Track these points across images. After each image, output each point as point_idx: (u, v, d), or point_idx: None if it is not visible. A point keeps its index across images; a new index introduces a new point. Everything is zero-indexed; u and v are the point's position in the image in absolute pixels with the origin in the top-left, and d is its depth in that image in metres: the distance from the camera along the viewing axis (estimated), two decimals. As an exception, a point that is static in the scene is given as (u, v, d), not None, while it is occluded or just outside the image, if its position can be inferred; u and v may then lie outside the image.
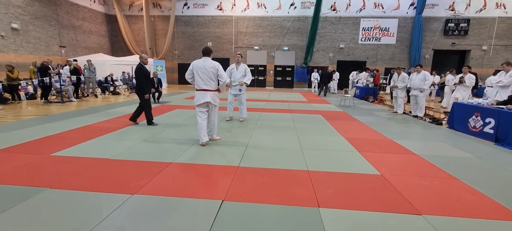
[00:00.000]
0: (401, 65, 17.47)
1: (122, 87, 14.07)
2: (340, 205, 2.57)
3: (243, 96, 6.61)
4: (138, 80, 5.83)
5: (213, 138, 4.74)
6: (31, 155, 3.80)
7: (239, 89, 6.48)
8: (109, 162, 3.63)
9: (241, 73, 6.39)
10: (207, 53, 4.41)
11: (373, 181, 3.17)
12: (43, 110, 7.80)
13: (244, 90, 6.61)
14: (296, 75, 19.58)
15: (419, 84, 7.63)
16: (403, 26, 17.89)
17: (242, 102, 6.64)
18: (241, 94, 6.54)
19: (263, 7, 18.80)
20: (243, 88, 6.52)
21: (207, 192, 2.81)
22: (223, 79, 4.41)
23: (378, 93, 12.29)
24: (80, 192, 2.74)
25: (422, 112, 7.79)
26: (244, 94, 6.62)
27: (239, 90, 6.50)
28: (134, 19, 19.98)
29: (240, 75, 6.38)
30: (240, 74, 6.38)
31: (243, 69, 6.41)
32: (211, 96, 4.36)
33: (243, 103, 6.67)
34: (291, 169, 3.50)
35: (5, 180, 2.97)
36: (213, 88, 4.38)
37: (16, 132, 5.10)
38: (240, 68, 6.40)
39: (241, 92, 6.53)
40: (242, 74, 6.39)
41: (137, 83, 5.90)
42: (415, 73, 7.93)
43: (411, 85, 7.89)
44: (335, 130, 5.91)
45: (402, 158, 4.11)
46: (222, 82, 4.43)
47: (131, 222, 2.23)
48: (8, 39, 12.54)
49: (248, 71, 6.42)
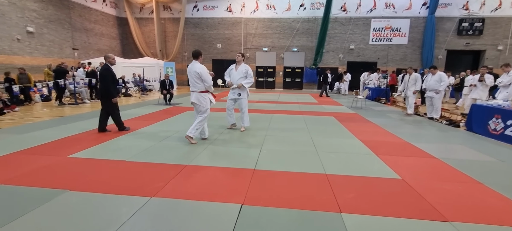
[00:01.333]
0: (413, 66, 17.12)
1: (133, 89, 14.24)
2: (362, 210, 2.50)
3: (244, 101, 5.60)
4: (104, 83, 5.28)
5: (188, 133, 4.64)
6: (49, 157, 3.85)
7: (237, 93, 5.55)
8: (126, 164, 3.65)
9: (241, 75, 5.48)
10: (195, 56, 4.58)
11: (394, 185, 3.08)
12: (58, 112, 7.95)
13: (245, 95, 5.59)
14: (305, 76, 19.44)
15: (435, 85, 7.45)
16: (415, 26, 17.56)
17: (243, 110, 5.64)
18: (240, 99, 5.58)
19: (272, 8, 18.77)
20: (243, 92, 5.56)
21: (225, 196, 2.77)
22: (207, 83, 4.53)
23: (390, 94, 12.08)
24: (99, 194, 2.75)
25: (438, 114, 7.60)
26: (245, 99, 5.60)
27: (238, 94, 5.55)
28: (145, 22, 20.23)
29: (239, 77, 5.48)
30: (239, 76, 5.48)
31: (244, 70, 5.48)
32: (195, 96, 4.57)
33: (244, 110, 5.64)
34: (308, 172, 3.44)
35: (26, 181, 3.01)
36: (199, 90, 4.56)
37: (33, 133, 5.19)
38: (239, 69, 5.49)
39: (241, 96, 5.55)
40: (241, 76, 5.48)
41: (102, 86, 5.35)
42: (429, 74, 7.75)
43: (426, 86, 7.71)
44: (349, 132, 5.81)
45: (421, 161, 3.99)
46: (207, 86, 4.56)
47: (151, 226, 2.22)
48: (24, 42, 12.86)
49: (249, 73, 5.51)
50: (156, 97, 11.67)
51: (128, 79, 14.06)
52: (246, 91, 5.58)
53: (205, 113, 4.64)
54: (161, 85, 10.07)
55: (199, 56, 4.59)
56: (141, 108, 8.75)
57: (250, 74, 5.52)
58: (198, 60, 4.57)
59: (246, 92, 5.59)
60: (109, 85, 5.29)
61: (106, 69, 5.30)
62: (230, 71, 5.62)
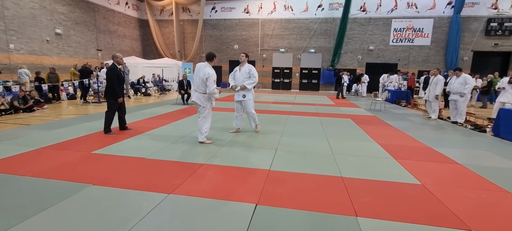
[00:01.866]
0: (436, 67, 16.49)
1: (153, 89, 14.67)
2: (379, 215, 2.45)
3: (249, 103, 5.34)
4: (108, 83, 5.22)
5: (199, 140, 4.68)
6: (75, 152, 4.06)
7: (242, 95, 5.32)
8: (145, 161, 3.78)
9: (244, 75, 5.27)
10: (209, 58, 4.57)
11: (413, 191, 2.99)
12: (82, 110, 8.34)
13: (250, 96, 5.33)
14: (322, 78, 19.19)
15: (459, 88, 7.13)
16: (439, 26, 16.86)
17: (249, 112, 5.42)
18: (245, 101, 5.33)
19: (290, 9, 18.70)
20: (247, 94, 5.30)
21: (240, 195, 2.81)
22: (208, 89, 4.42)
23: (411, 97, 11.68)
24: (120, 189, 2.87)
25: (462, 119, 7.26)
26: (250, 101, 5.34)
27: (243, 96, 5.31)
28: (165, 23, 20.79)
29: (243, 78, 5.27)
30: (243, 77, 5.27)
31: (247, 71, 5.24)
32: (197, 96, 4.59)
33: (250, 113, 5.43)
34: (324, 175, 3.41)
35: (53, 175, 3.19)
36: (202, 91, 4.55)
37: (60, 130, 5.49)
38: (243, 70, 5.29)
39: (245, 98, 5.31)
40: (245, 77, 5.26)
41: (108, 86, 5.29)
42: (454, 76, 7.43)
43: (450, 89, 7.40)
44: (367, 135, 5.68)
45: (443, 167, 3.84)
46: (208, 92, 4.46)
47: (169, 222, 2.29)
48: (52, 44, 13.61)
49: (252, 73, 5.22)
50: (174, 97, 11.95)
51: (148, 79, 14.51)
52: (251, 93, 5.34)
53: (203, 113, 4.61)
54: (179, 85, 10.32)
55: (213, 59, 4.58)
56: (160, 108, 9.00)
57: (253, 74, 5.23)
58: (210, 63, 4.54)
59: (251, 94, 5.35)
60: (115, 85, 5.19)
61: (112, 69, 5.23)
62: (235, 74, 5.43)
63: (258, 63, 19.52)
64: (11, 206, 2.47)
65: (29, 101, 7.79)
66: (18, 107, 7.38)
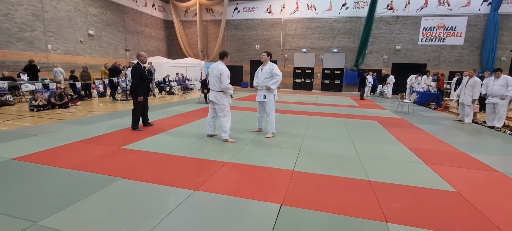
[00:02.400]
0: (470, 68, 15.47)
1: (177, 87, 15.07)
2: (411, 222, 2.32)
3: (269, 104, 5.08)
4: (132, 81, 5.41)
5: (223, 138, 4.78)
6: (105, 147, 4.26)
7: (263, 96, 5.09)
8: (171, 157, 3.87)
9: (266, 75, 5.02)
10: (221, 56, 4.70)
11: (448, 198, 2.81)
12: (111, 107, 8.75)
13: (271, 97, 5.07)
14: (345, 78, 18.71)
15: (499, 91, 6.63)
16: (474, 24, 15.82)
17: (268, 113, 5.16)
18: (265, 102, 5.11)
19: (313, 8, 18.42)
20: (268, 95, 5.05)
21: (264, 194, 2.79)
22: (222, 84, 4.54)
23: (442, 99, 11.05)
24: (148, 184, 2.96)
25: (501, 123, 6.75)
26: (270, 102, 5.07)
27: (264, 96, 5.07)
28: (189, 24, 21.30)
29: (264, 77, 5.04)
30: (264, 76, 5.04)
31: (268, 70, 5.00)
32: (214, 95, 4.70)
33: (270, 113, 5.14)
34: (350, 177, 3.30)
35: (87, 167, 3.36)
36: (218, 89, 4.64)
37: (92, 125, 5.78)
38: (265, 69, 5.06)
39: (266, 99, 5.07)
40: (266, 76, 5.01)
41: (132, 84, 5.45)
42: (492, 78, 6.92)
43: (489, 92, 6.90)
44: (395, 138, 5.45)
45: (480, 174, 3.58)
46: (222, 87, 4.57)
47: (195, 218, 2.32)
48: (85, 44, 14.40)
49: (275, 71, 4.94)
50: (197, 96, 12.20)
51: (172, 78, 14.93)
52: (272, 94, 5.06)
53: (223, 111, 4.71)
54: (202, 84, 10.50)
55: (225, 57, 4.69)
56: (184, 106, 9.22)
57: (275, 72, 4.95)
58: (223, 61, 4.66)
59: (273, 95, 5.07)
60: (137, 83, 5.29)
61: (135, 68, 5.34)
62: (257, 73, 5.27)
63: (280, 63, 19.42)
64: (51, 195, 2.63)
65: (65, 98, 8.29)
66: (54, 103, 7.88)
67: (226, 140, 4.75)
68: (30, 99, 7.66)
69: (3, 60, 10.78)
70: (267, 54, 5.07)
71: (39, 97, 7.63)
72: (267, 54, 5.07)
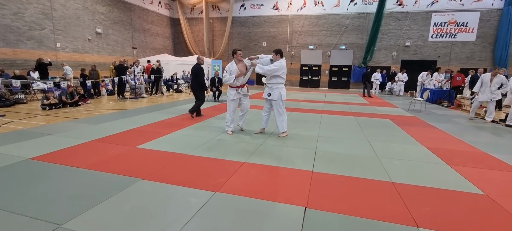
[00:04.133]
0: (482, 65, 15.18)
1: (184, 85, 15.05)
2: (444, 227, 2.24)
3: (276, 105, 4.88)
4: (198, 79, 6.58)
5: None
6: (121, 146, 4.23)
7: (267, 93, 4.89)
8: (186, 157, 3.83)
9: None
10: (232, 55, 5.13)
11: (478, 202, 2.72)
12: (121, 105, 8.75)
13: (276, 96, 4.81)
14: (353, 75, 18.51)
15: None
16: (487, 20, 15.46)
17: (276, 116, 4.97)
18: (272, 102, 4.94)
19: (320, 5, 18.20)
20: (272, 92, 4.81)
21: (287, 196, 2.73)
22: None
23: (455, 97, 10.83)
24: (168, 184, 2.92)
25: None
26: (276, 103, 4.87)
27: (268, 94, 4.87)
28: (195, 21, 21.24)
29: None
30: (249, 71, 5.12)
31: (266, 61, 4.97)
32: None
33: (279, 115, 4.92)
34: (372, 179, 3.22)
35: (104, 167, 3.33)
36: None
37: (104, 124, 5.78)
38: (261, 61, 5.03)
39: (270, 97, 4.86)
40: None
41: (196, 81, 6.61)
42: None
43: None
44: (411, 137, 5.33)
45: (508, 176, 3.46)
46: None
47: (220, 221, 2.27)
48: (93, 42, 14.45)
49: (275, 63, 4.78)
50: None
51: (179, 76, 14.91)
52: (276, 91, 4.82)
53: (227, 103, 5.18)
54: (211, 82, 10.46)
55: (233, 55, 5.07)
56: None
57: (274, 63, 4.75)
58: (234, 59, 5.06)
59: (278, 93, 4.82)
60: (203, 80, 6.67)
61: (199, 68, 6.52)
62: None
63: (286, 60, 19.22)
64: (72, 196, 2.61)
65: (76, 96, 8.32)
66: (65, 102, 7.91)
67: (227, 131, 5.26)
68: (42, 97, 7.69)
69: (13, 59, 10.87)
70: (276, 53, 4.83)
71: (51, 96, 7.66)
72: (275, 53, 4.84)
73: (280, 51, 4.89)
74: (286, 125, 5.09)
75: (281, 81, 4.86)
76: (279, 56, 4.85)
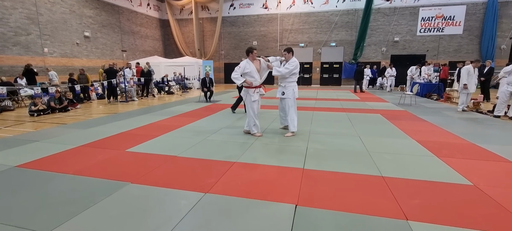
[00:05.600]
0: (469, 58, 15.47)
1: (175, 87, 14.93)
2: (433, 219, 2.26)
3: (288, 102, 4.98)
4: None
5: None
6: (109, 150, 4.16)
7: (281, 93, 5.01)
8: (177, 159, 3.79)
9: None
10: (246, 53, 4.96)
11: (466, 193, 2.75)
12: (111, 109, 8.62)
13: (289, 94, 4.93)
14: (344, 72, 18.66)
15: None
16: (473, 13, 15.77)
17: (287, 112, 5.07)
18: (284, 100, 5.05)
19: (309, 2, 18.28)
20: (286, 91, 4.94)
21: (277, 195, 2.72)
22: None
23: (444, 90, 11.01)
24: (158, 187, 2.88)
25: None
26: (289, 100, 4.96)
27: (282, 93, 5.00)
28: (185, 22, 21.08)
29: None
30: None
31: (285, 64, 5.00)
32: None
33: (289, 112, 5.00)
34: (362, 174, 3.24)
35: (93, 173, 3.27)
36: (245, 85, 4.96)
37: (94, 129, 5.68)
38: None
39: (284, 95, 4.98)
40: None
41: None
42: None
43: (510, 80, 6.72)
44: (402, 131, 5.39)
45: (495, 166, 3.53)
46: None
47: (210, 222, 2.25)
48: (81, 46, 14.20)
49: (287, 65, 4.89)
50: (196, 95, 12.10)
51: (170, 78, 14.78)
52: (290, 90, 4.93)
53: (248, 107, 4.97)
54: (202, 83, 10.39)
55: (249, 54, 4.88)
56: (184, 106, 9.11)
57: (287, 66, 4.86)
58: (248, 57, 4.89)
59: (291, 91, 4.93)
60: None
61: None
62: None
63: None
64: (59, 202, 2.55)
65: (64, 101, 8.16)
66: (54, 107, 7.75)
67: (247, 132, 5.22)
68: (30, 104, 7.52)
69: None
70: (287, 50, 4.92)
71: (39, 101, 7.49)
72: (287, 50, 4.93)
73: (291, 49, 4.97)
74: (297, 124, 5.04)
75: (294, 79, 4.97)
76: (291, 54, 4.94)
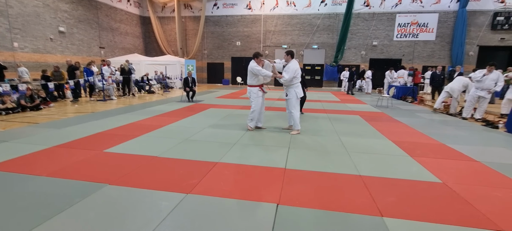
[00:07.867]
0: (441, 63, 16.39)
1: (156, 86, 14.59)
2: (406, 215, 2.39)
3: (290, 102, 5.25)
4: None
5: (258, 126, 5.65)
6: (86, 151, 4.01)
7: (285, 94, 5.35)
8: (158, 159, 3.72)
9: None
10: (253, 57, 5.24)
11: (437, 190, 2.93)
12: (88, 108, 8.28)
13: (291, 95, 5.21)
14: (325, 74, 19.08)
15: (490, 85, 6.95)
16: (444, 21, 16.69)
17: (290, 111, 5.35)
18: (287, 100, 5.32)
19: (292, 5, 18.53)
20: (289, 92, 5.24)
21: (259, 194, 2.75)
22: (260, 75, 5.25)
23: (417, 93, 11.57)
24: (137, 189, 2.82)
25: (481, 115, 7.12)
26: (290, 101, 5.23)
27: (286, 94, 5.33)
28: (166, 20, 20.65)
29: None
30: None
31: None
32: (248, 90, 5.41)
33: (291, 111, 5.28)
34: (341, 173, 3.35)
35: (68, 174, 3.14)
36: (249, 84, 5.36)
37: (69, 128, 5.44)
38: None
39: (287, 97, 5.29)
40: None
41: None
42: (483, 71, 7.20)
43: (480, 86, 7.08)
44: (379, 132, 5.61)
45: (462, 164, 3.77)
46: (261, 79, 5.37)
47: (191, 223, 2.23)
48: (56, 42, 13.51)
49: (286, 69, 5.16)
50: (178, 95, 11.90)
51: (151, 77, 14.43)
52: (292, 91, 5.18)
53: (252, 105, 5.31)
54: (184, 82, 10.24)
55: (254, 58, 5.18)
56: (165, 106, 8.94)
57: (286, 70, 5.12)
58: (255, 60, 5.17)
59: (293, 92, 5.18)
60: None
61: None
62: None
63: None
64: (31, 206, 2.43)
65: (36, 99, 7.73)
66: (25, 106, 7.33)
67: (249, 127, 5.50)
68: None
69: (-38, 60, 9.85)
70: (287, 53, 5.20)
71: (8, 99, 7.05)
72: (286, 53, 5.21)
73: (292, 52, 5.22)
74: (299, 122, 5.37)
75: (296, 81, 5.20)
76: (290, 57, 5.16)
